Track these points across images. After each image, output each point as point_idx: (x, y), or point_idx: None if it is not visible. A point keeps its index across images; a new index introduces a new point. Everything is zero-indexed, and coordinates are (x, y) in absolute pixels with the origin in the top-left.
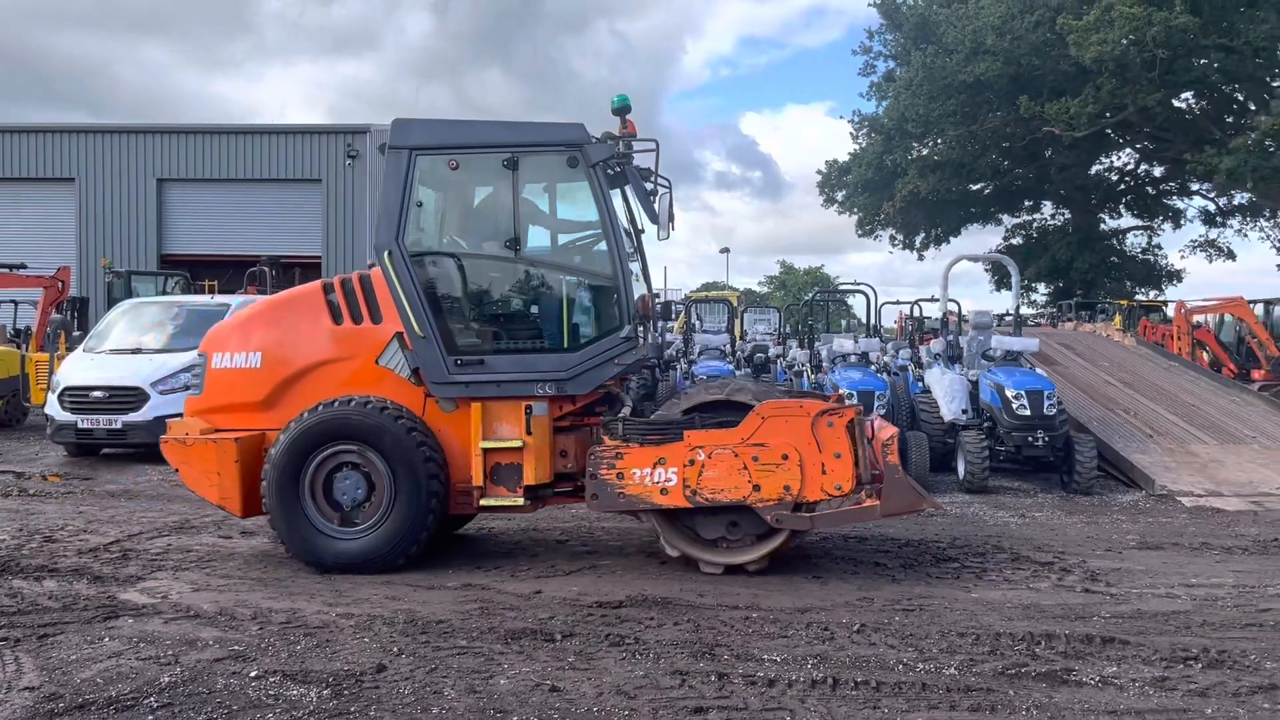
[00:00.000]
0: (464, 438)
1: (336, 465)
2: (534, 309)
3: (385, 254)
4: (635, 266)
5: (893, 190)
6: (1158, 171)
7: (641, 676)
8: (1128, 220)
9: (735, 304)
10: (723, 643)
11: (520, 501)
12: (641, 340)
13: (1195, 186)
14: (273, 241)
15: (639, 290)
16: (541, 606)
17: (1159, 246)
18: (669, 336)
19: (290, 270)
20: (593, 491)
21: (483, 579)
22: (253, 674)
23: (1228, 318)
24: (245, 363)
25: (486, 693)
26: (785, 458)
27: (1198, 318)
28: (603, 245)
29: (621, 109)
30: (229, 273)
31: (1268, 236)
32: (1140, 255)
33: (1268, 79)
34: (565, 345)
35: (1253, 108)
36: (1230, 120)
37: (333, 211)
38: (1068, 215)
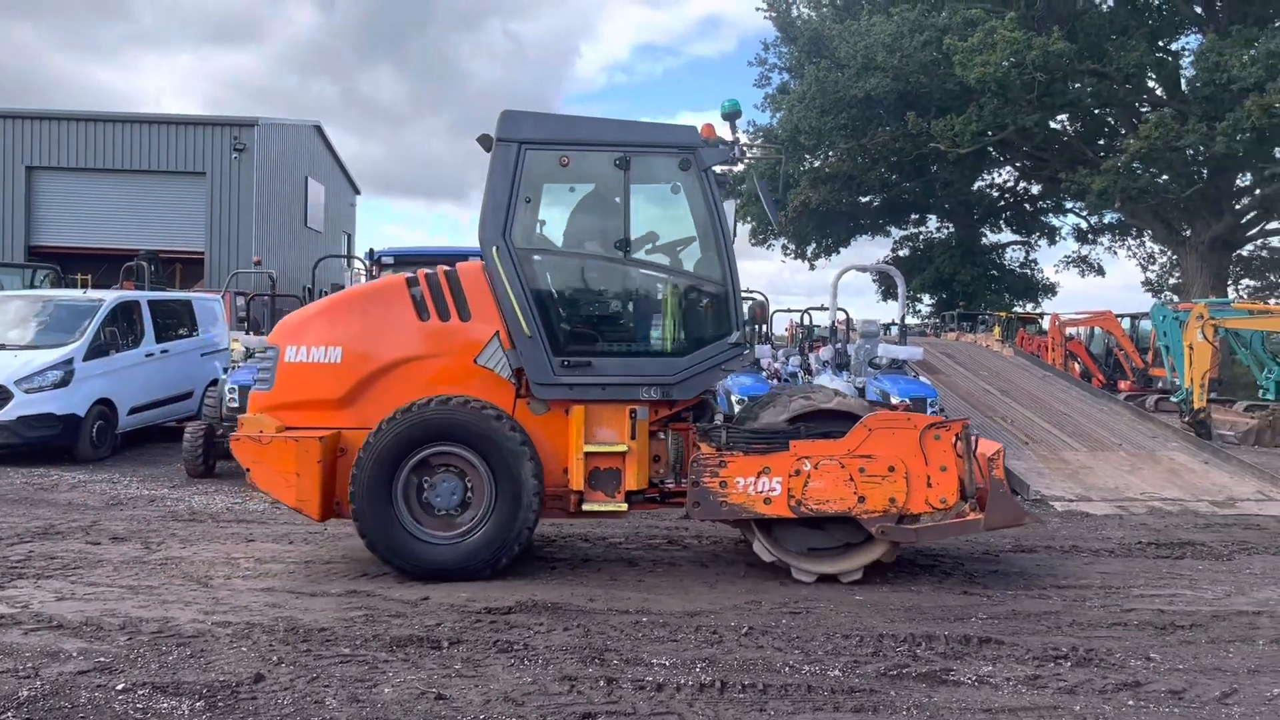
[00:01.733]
0: (552, 441)
1: (432, 468)
2: (641, 311)
3: (493, 250)
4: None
5: (785, 201)
6: (1035, 189)
7: (530, 683)
8: (1007, 235)
9: None
10: (612, 647)
11: (623, 507)
12: (750, 347)
13: (1069, 205)
14: (152, 235)
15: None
16: (428, 613)
17: (1035, 261)
18: None
19: (170, 265)
20: (695, 499)
21: (368, 585)
22: (119, 687)
23: (1097, 330)
24: (324, 357)
25: (370, 702)
26: (891, 470)
27: (1070, 330)
28: (711, 249)
29: (732, 114)
30: (104, 266)
31: (1134, 254)
32: (1019, 269)
33: (1136, 104)
34: (672, 349)
35: (1123, 131)
36: (1102, 143)
37: (217, 206)
38: (952, 229)
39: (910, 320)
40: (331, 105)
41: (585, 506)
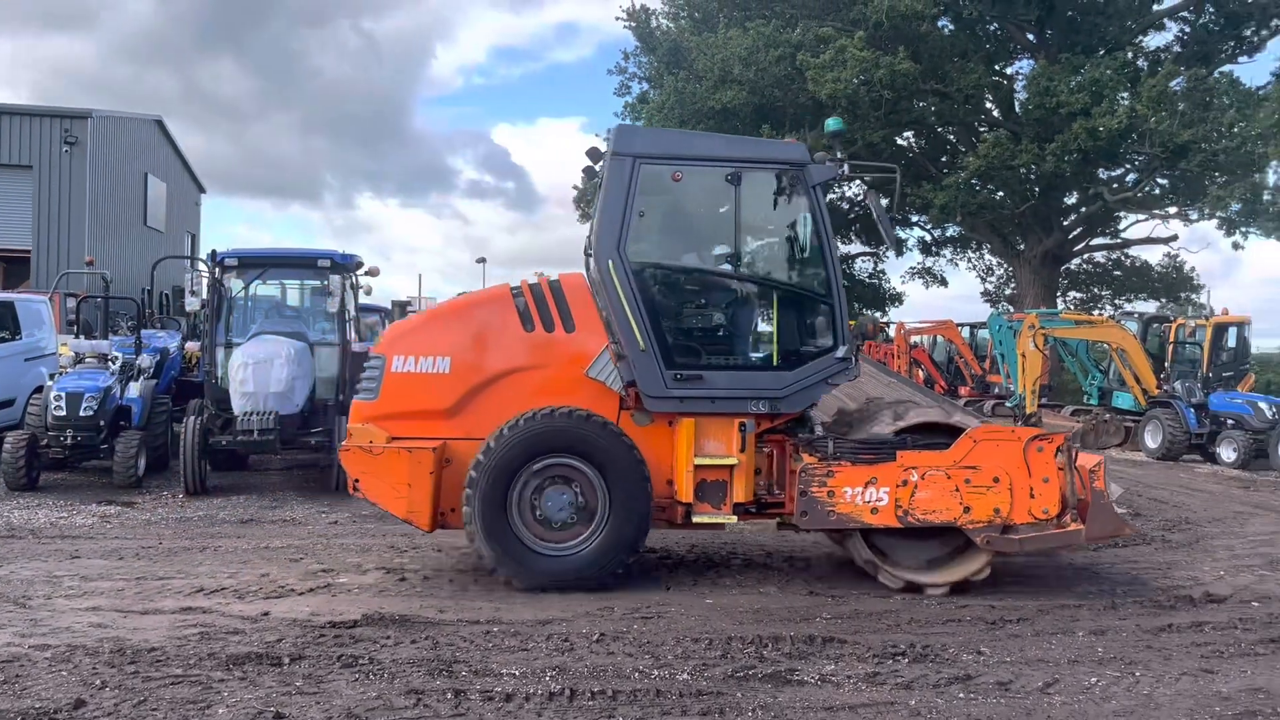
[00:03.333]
0: (654, 453)
1: (543, 479)
2: (750, 325)
3: (609, 263)
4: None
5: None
6: (883, 202)
7: (374, 698)
8: (857, 246)
9: None
10: (461, 659)
11: (732, 518)
12: (856, 361)
13: (915, 218)
14: None
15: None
16: (269, 629)
17: (884, 271)
18: None
19: None
20: (803, 509)
21: (205, 602)
22: None
23: (940, 339)
24: (433, 367)
25: None
26: (996, 481)
27: (914, 338)
28: (818, 264)
29: (836, 133)
30: None
31: (974, 266)
32: (868, 279)
33: (975, 124)
34: (781, 363)
35: (963, 150)
36: (945, 159)
37: (45, 202)
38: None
39: None
40: (170, 98)
41: (695, 519)
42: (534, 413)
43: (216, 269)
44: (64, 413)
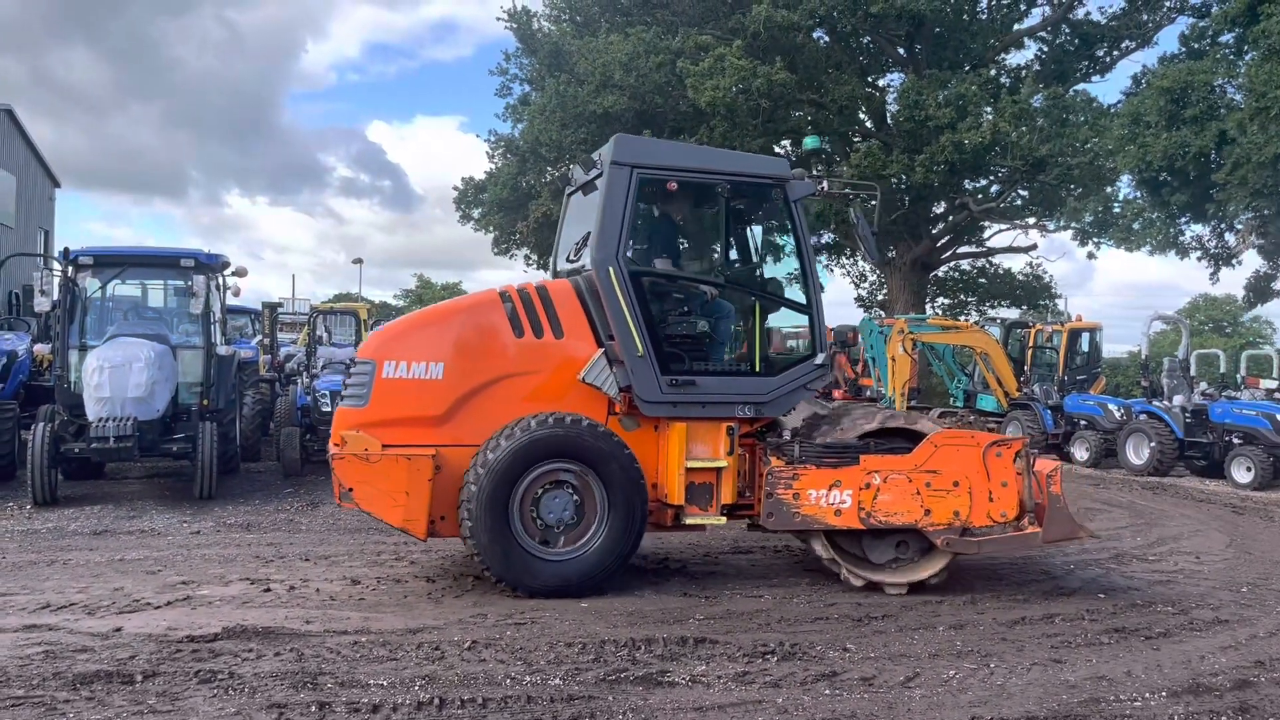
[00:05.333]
0: (641, 457)
1: (540, 485)
2: (739, 333)
3: (609, 270)
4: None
5: (527, 210)
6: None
7: (233, 713)
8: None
9: (365, 316)
10: (327, 670)
11: (722, 520)
12: (832, 368)
13: None
14: None
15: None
16: (121, 646)
17: None
18: (291, 349)
19: None
20: (769, 510)
21: (51, 618)
22: None
23: None
24: (425, 373)
25: None
26: (956, 484)
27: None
28: (798, 275)
29: (813, 151)
30: None
31: (848, 272)
32: None
33: (849, 134)
34: (764, 369)
35: (838, 159)
36: (820, 169)
37: None
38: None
39: None
40: (17, 86)
41: (687, 520)
42: (534, 419)
43: (70, 268)
44: None
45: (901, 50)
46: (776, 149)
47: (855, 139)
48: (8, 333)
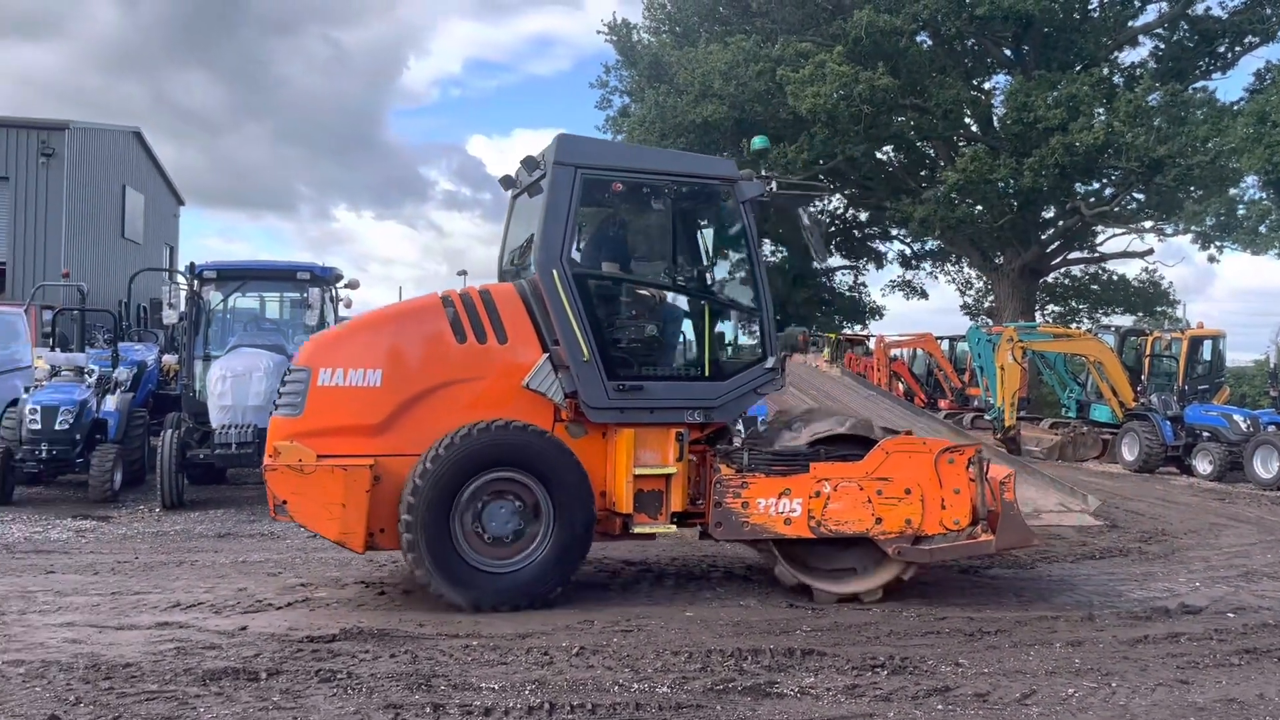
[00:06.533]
0: (589, 465)
1: (483, 495)
2: (687, 336)
3: (553, 273)
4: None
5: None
6: (863, 216)
7: (352, 713)
8: (837, 260)
9: None
10: (440, 673)
11: (671, 528)
12: (783, 372)
13: (894, 231)
14: None
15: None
16: (246, 644)
17: (864, 284)
18: None
19: None
20: (717, 520)
21: (181, 616)
22: None
23: (919, 352)
24: (363, 381)
25: None
26: (908, 492)
27: (894, 351)
28: (748, 278)
29: (762, 151)
30: None
31: (954, 279)
32: (848, 292)
33: (954, 138)
34: (714, 373)
35: (942, 164)
36: (924, 174)
37: (21, 213)
38: (785, 253)
39: None
40: (141, 108)
41: (635, 529)
42: (476, 426)
43: (195, 281)
44: (39, 426)
45: (1008, 51)
46: (879, 155)
47: (960, 143)
48: (137, 344)
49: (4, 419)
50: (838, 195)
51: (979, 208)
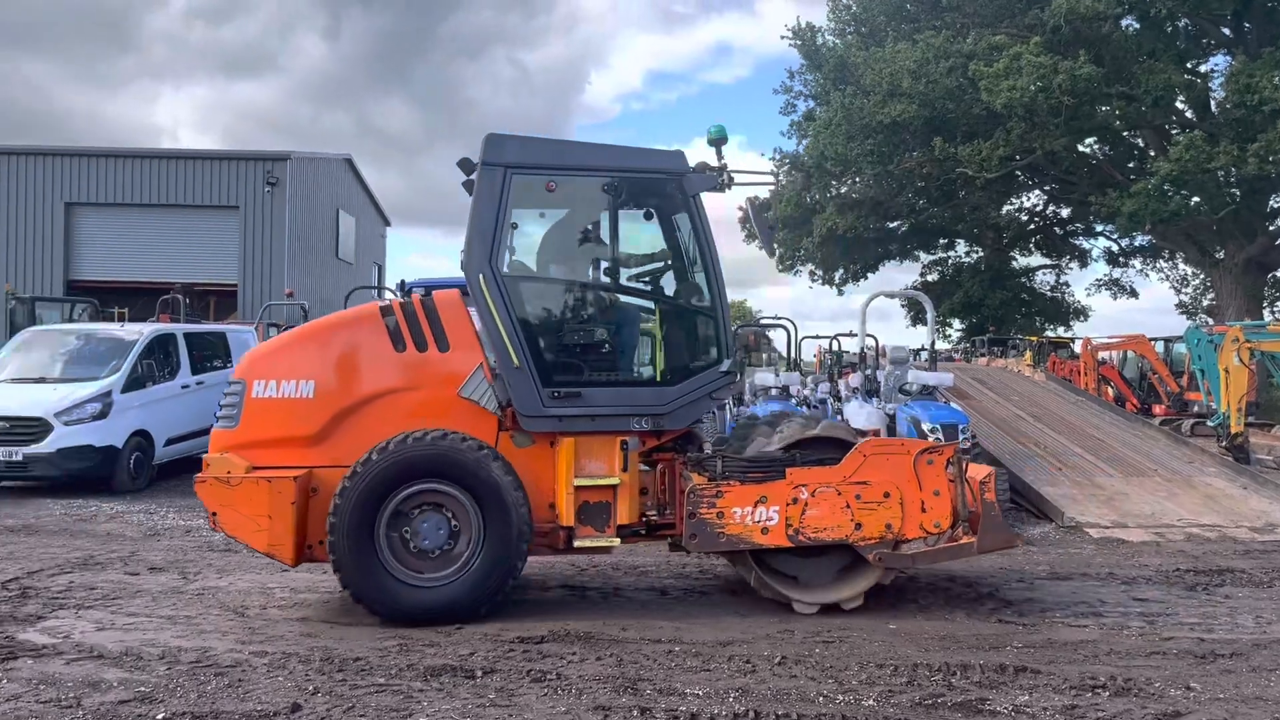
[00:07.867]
0: (536, 475)
1: (413, 507)
2: (631, 340)
3: (479, 278)
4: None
5: (812, 226)
6: (1065, 213)
7: (563, 713)
8: (1037, 259)
9: None
10: (645, 677)
11: (616, 542)
12: (740, 375)
13: (1099, 228)
14: (187, 268)
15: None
16: (462, 642)
17: (1067, 284)
18: None
19: (205, 298)
20: (692, 531)
21: None
22: (160, 716)
23: (1130, 354)
24: (295, 392)
25: None
26: (887, 496)
27: (1102, 354)
28: (700, 276)
29: (718, 139)
30: (140, 300)
31: (1166, 277)
32: (1049, 293)
33: (1165, 126)
34: (662, 378)
35: (1152, 154)
36: (1131, 165)
37: (250, 239)
38: (980, 253)
39: (940, 346)
40: (346, 135)
41: (576, 543)
42: (395, 439)
43: (406, 297)
44: None
45: (1227, 31)
46: (1081, 148)
47: (1173, 131)
48: None
49: None
50: (1036, 191)
51: (1195, 199)
